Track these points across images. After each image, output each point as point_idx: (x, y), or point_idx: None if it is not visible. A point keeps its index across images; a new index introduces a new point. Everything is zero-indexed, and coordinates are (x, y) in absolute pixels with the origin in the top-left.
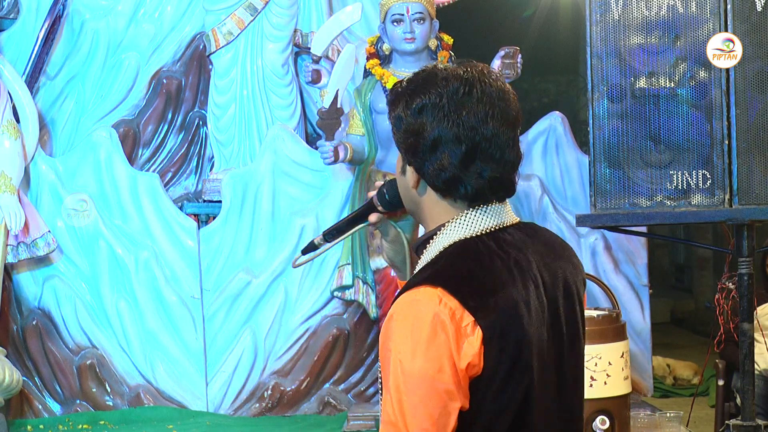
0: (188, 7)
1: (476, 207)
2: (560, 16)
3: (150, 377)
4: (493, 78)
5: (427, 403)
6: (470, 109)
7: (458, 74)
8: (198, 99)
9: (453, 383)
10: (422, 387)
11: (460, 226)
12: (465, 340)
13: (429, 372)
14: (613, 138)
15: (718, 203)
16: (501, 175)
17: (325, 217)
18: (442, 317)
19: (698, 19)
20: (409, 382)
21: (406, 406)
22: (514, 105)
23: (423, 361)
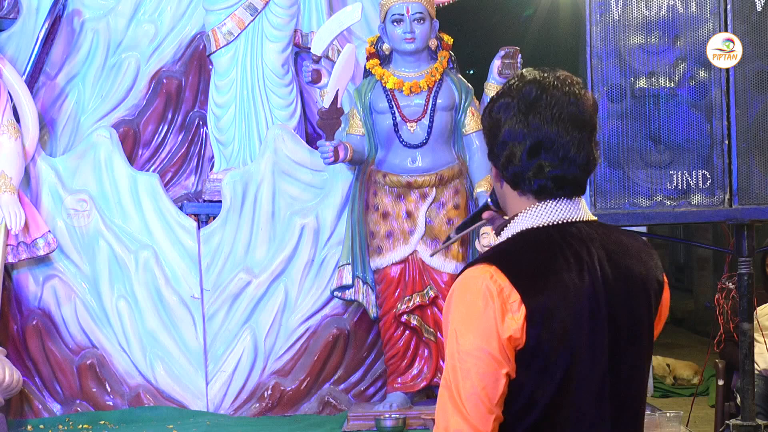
0: (188, 7)
1: (544, 201)
2: (560, 16)
3: (150, 377)
4: (568, 83)
5: (477, 369)
6: (538, 110)
7: (535, 78)
8: (198, 99)
9: (498, 351)
10: (473, 354)
11: (528, 217)
12: (509, 314)
13: (478, 341)
14: (613, 138)
15: (718, 203)
16: (565, 173)
17: (325, 217)
18: (492, 291)
19: (698, 19)
20: (462, 350)
21: (459, 371)
22: (587, 109)
23: (474, 330)
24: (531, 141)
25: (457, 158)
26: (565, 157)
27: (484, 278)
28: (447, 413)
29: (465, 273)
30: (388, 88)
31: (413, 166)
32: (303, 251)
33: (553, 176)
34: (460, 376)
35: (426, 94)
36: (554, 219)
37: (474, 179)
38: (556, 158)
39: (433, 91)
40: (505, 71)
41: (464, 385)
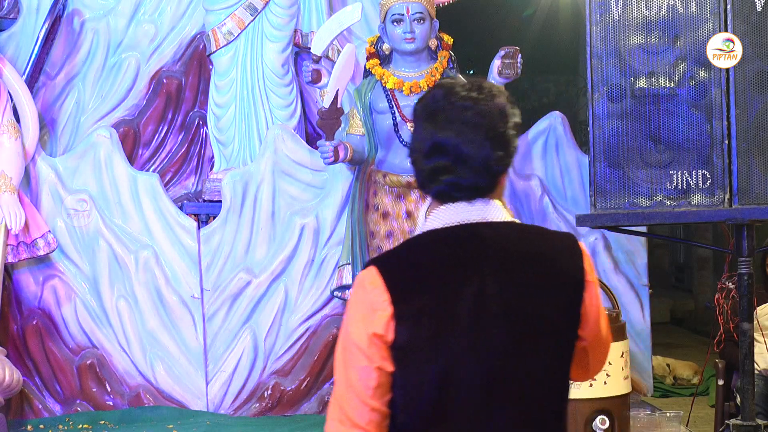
0: (188, 7)
1: (445, 204)
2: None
3: (150, 377)
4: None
5: (352, 363)
6: (435, 117)
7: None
8: (198, 99)
9: (367, 347)
10: (348, 348)
11: (432, 219)
12: (378, 312)
13: (353, 336)
14: (613, 138)
15: (718, 203)
16: (460, 178)
17: (325, 217)
18: (366, 289)
19: (698, 19)
20: (342, 341)
21: (338, 362)
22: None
23: (351, 326)
24: (427, 147)
25: None
26: (458, 161)
27: (365, 277)
28: (332, 405)
29: (359, 272)
30: (388, 88)
31: None
32: (303, 251)
33: (448, 182)
34: (341, 369)
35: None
36: (451, 221)
37: None
38: (451, 163)
39: None
40: (505, 71)
41: (342, 377)
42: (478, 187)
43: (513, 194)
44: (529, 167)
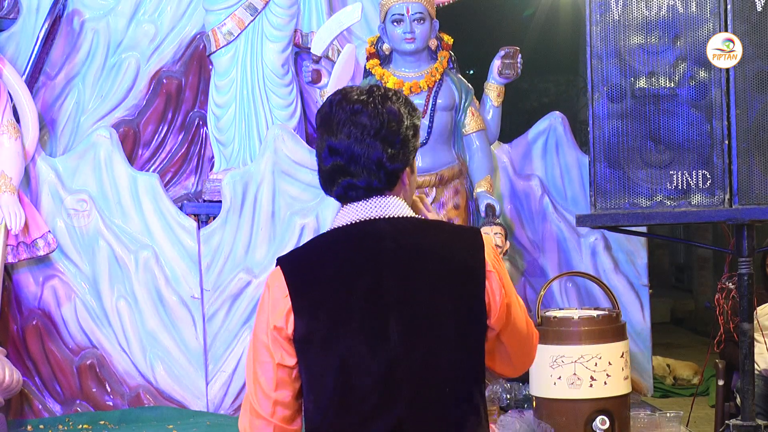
0: (188, 7)
1: (345, 204)
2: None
3: (150, 377)
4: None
5: (257, 357)
6: (327, 124)
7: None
8: (198, 99)
9: (270, 342)
10: (254, 343)
11: (336, 219)
12: (279, 307)
13: (258, 332)
14: (613, 138)
15: (718, 203)
16: (354, 179)
17: (325, 216)
18: (270, 286)
19: (698, 19)
20: (252, 340)
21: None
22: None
23: (257, 322)
24: (324, 153)
25: (457, 158)
26: (351, 161)
27: (271, 276)
28: (244, 399)
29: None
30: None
31: None
32: None
33: (344, 183)
34: (249, 365)
35: (426, 94)
36: (350, 219)
37: (474, 179)
38: (345, 163)
39: (433, 91)
40: (506, 71)
41: (250, 374)
42: (372, 186)
43: (513, 194)
44: (529, 167)
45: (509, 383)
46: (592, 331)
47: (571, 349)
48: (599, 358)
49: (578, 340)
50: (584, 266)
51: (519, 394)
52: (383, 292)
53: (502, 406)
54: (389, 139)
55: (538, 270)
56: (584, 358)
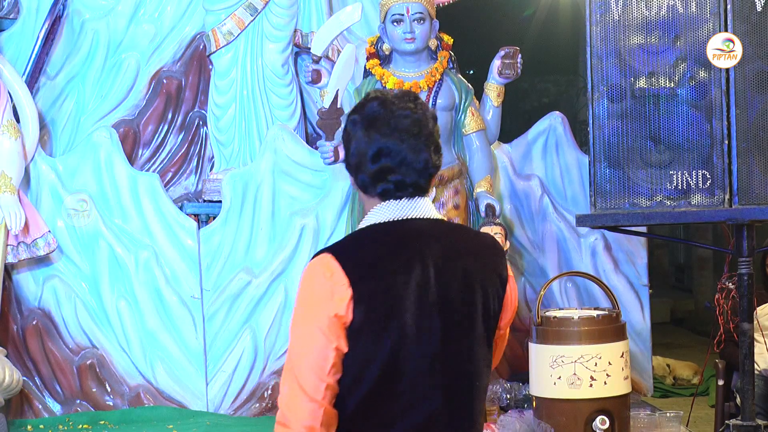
0: (188, 7)
1: (387, 201)
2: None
3: (150, 377)
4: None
5: (309, 341)
6: (377, 124)
7: (377, 96)
8: (198, 99)
9: (327, 327)
10: (305, 327)
11: (373, 214)
12: (338, 294)
13: (309, 316)
14: (613, 138)
15: (718, 203)
16: (404, 177)
17: (325, 217)
18: (325, 274)
19: (698, 19)
20: (298, 325)
21: (295, 345)
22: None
23: (310, 309)
24: (373, 151)
25: (457, 158)
26: (402, 163)
27: (320, 264)
28: (287, 382)
29: (309, 262)
30: (388, 88)
31: None
32: (303, 251)
33: (395, 181)
34: (298, 350)
35: (426, 94)
36: (395, 216)
37: (474, 179)
38: (396, 164)
39: (433, 91)
40: (506, 71)
41: (300, 358)
42: (419, 185)
43: (513, 194)
44: (529, 167)
45: (509, 383)
46: (592, 331)
47: (571, 349)
48: (599, 358)
49: (578, 340)
50: (584, 266)
51: (519, 394)
52: (429, 288)
53: (502, 406)
54: (434, 145)
55: (538, 270)
56: (584, 358)
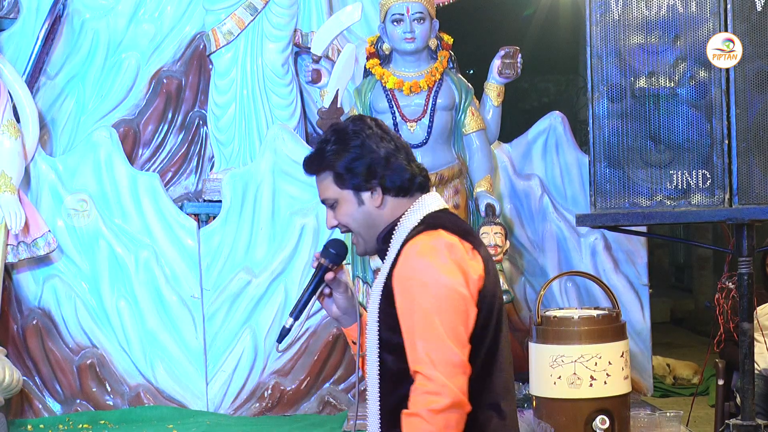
0: (188, 6)
1: (421, 194)
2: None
3: (150, 377)
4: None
5: (456, 311)
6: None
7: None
8: (198, 99)
9: (469, 292)
10: (450, 297)
11: (420, 207)
12: (472, 260)
13: (453, 283)
14: (613, 138)
15: (718, 203)
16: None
17: (324, 216)
18: (451, 243)
19: (698, 18)
20: (439, 298)
21: (437, 323)
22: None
23: (447, 276)
24: (403, 153)
25: (457, 158)
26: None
27: (438, 237)
28: (435, 348)
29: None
30: (388, 88)
31: None
32: (303, 251)
33: (424, 174)
34: (441, 318)
35: (426, 94)
36: (438, 205)
37: (474, 179)
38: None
39: (433, 90)
40: (505, 71)
41: (444, 323)
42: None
43: (513, 194)
44: (529, 167)
45: None
46: (592, 330)
47: (571, 349)
48: (599, 357)
49: (578, 340)
50: (584, 266)
51: (519, 393)
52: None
53: None
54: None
55: (538, 269)
56: (584, 357)
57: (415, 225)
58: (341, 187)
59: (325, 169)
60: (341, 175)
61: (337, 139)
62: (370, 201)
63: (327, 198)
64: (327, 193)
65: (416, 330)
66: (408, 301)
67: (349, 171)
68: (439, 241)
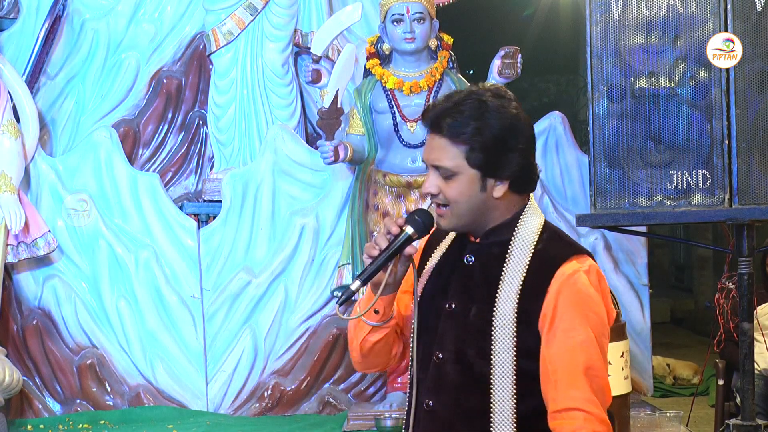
0: (188, 6)
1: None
2: (560, 16)
3: (150, 377)
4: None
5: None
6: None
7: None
8: (198, 99)
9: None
10: (606, 330)
11: (536, 209)
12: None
13: (606, 317)
14: (613, 138)
15: (718, 203)
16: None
17: (325, 216)
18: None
19: (698, 18)
20: (605, 328)
21: (599, 351)
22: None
23: (606, 309)
24: (533, 146)
25: None
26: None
27: (595, 265)
28: (602, 390)
29: (587, 265)
30: (388, 88)
31: (413, 165)
32: (303, 251)
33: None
34: (600, 356)
35: (426, 94)
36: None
37: None
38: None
39: (433, 90)
40: (506, 71)
41: (604, 362)
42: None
43: None
44: None
45: None
46: None
47: None
48: None
49: None
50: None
51: None
52: None
53: None
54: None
55: None
56: None
57: (538, 230)
58: (470, 165)
59: (461, 141)
60: (480, 155)
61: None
62: (494, 190)
63: (443, 166)
64: (446, 162)
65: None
66: (581, 329)
67: (492, 155)
68: (602, 274)
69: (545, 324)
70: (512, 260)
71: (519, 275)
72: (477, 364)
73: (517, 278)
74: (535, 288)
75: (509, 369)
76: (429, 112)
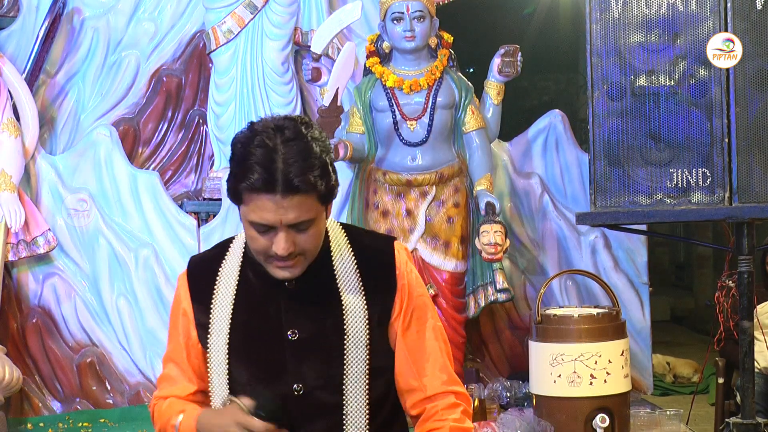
0: (188, 5)
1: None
2: (560, 14)
3: (150, 375)
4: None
5: None
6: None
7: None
8: (198, 97)
9: None
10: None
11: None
12: None
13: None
14: (613, 136)
15: (718, 201)
16: None
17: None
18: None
19: (698, 17)
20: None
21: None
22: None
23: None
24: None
25: (457, 156)
26: None
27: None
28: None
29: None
30: (388, 87)
31: (413, 164)
32: None
33: None
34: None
35: (426, 92)
36: None
37: (474, 177)
38: None
39: (433, 89)
40: (505, 69)
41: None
42: None
43: (513, 192)
44: (529, 165)
45: (509, 381)
46: (592, 329)
47: (571, 347)
48: (599, 356)
49: (578, 338)
50: (584, 264)
51: (519, 392)
52: None
53: (502, 404)
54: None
55: (538, 268)
56: (584, 356)
57: (339, 229)
58: (322, 203)
59: (314, 188)
60: (331, 190)
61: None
62: (329, 212)
63: (306, 220)
64: (309, 214)
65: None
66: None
67: (334, 183)
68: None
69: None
70: (339, 267)
71: (354, 279)
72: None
73: (354, 283)
74: (379, 285)
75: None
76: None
